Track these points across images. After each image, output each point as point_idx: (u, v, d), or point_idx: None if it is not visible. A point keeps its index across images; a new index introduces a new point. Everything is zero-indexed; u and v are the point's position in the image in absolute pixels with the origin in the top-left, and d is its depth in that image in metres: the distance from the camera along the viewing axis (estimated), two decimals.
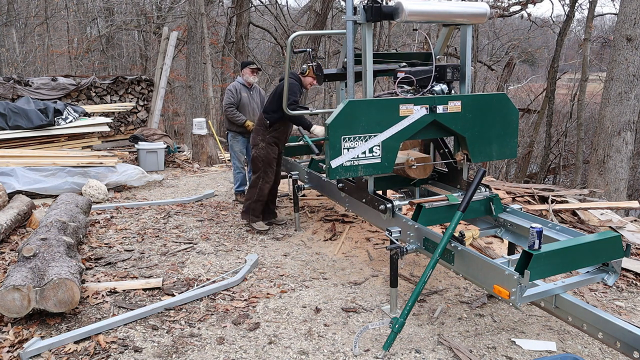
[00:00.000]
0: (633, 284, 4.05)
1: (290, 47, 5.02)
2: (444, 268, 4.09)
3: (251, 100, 6.14)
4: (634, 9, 7.18)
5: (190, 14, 12.10)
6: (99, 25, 18.29)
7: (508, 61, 13.79)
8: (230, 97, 6.02)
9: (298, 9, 19.45)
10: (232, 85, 6.14)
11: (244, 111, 6.04)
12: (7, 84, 9.16)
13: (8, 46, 15.43)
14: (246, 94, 6.06)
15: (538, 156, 16.55)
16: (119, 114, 10.97)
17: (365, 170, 3.41)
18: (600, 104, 8.17)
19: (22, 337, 3.12)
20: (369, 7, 3.31)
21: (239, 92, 6.04)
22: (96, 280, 3.98)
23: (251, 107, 6.12)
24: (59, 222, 4.21)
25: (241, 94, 6.04)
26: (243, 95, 6.04)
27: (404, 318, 2.93)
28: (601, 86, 10.12)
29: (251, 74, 6.09)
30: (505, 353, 3.05)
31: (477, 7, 3.60)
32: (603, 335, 2.49)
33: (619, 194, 7.54)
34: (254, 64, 6.26)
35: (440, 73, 3.72)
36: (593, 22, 13.63)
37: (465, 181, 3.92)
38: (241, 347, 3.09)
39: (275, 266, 4.34)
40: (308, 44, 10.91)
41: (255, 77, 6.15)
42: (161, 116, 11.64)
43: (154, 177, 7.50)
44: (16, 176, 6.25)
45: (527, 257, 2.53)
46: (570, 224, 5.21)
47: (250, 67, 6.13)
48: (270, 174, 5.05)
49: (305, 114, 5.00)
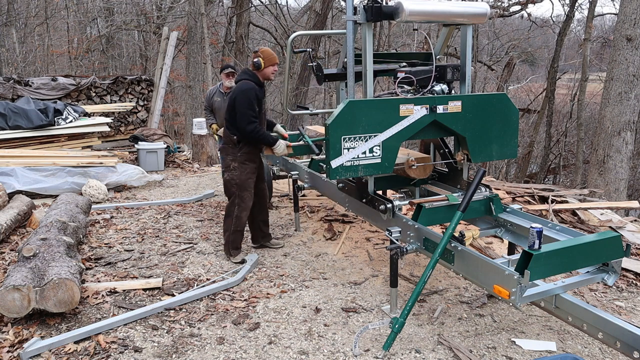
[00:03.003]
0: (633, 284, 4.05)
1: (290, 47, 5.03)
2: (444, 268, 4.09)
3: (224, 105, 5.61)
4: (634, 9, 7.18)
5: (190, 14, 12.10)
6: (99, 25, 18.29)
7: (508, 61, 13.79)
8: (204, 100, 6.20)
9: (298, 9, 19.46)
10: (209, 89, 6.39)
11: (217, 116, 6.04)
12: (7, 84, 9.15)
13: (8, 46, 15.43)
14: (220, 99, 6.02)
15: (538, 156, 16.55)
16: (119, 114, 10.97)
17: (365, 171, 3.41)
18: (600, 104, 8.17)
19: (22, 337, 3.12)
20: (369, 7, 3.30)
21: (211, 97, 6.14)
22: (96, 280, 3.98)
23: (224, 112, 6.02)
24: (59, 222, 4.21)
25: (213, 99, 6.10)
26: (215, 99, 6.07)
27: (404, 318, 2.93)
28: (601, 86, 10.12)
29: (226, 78, 5.97)
30: (505, 353, 3.05)
31: (477, 7, 3.59)
32: (603, 335, 2.49)
33: (619, 194, 7.54)
34: (228, 67, 6.10)
35: (441, 73, 3.72)
36: (593, 22, 13.63)
37: (465, 181, 3.91)
38: (241, 347, 3.09)
39: (275, 266, 4.34)
40: (308, 44, 10.91)
41: (230, 81, 5.90)
42: (161, 116, 11.64)
43: (154, 177, 7.50)
44: (16, 176, 6.25)
45: (527, 257, 2.53)
46: (570, 224, 5.21)
47: (225, 71, 6.03)
48: (247, 198, 4.29)
49: (305, 114, 4.98)
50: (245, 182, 4.27)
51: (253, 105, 4.07)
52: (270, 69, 4.21)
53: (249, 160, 4.29)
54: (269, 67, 4.19)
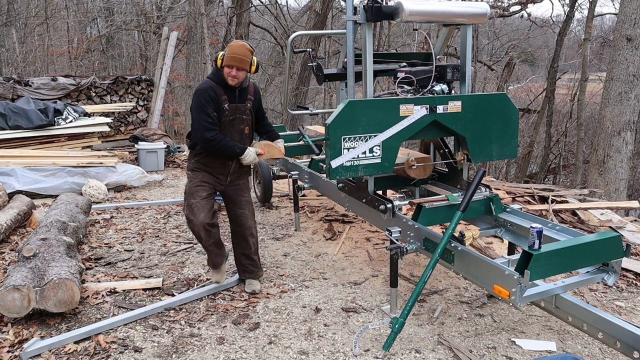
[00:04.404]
0: (633, 284, 4.05)
1: (290, 47, 5.04)
2: (444, 268, 4.08)
3: None
4: (634, 9, 7.18)
5: (190, 14, 12.09)
6: (99, 25, 18.29)
7: (508, 61, 13.80)
8: None
9: (298, 9, 19.46)
10: None
11: None
12: (7, 84, 9.15)
13: (8, 46, 15.43)
14: None
15: (538, 156, 16.55)
16: (119, 114, 10.97)
17: (365, 171, 3.41)
18: (600, 104, 8.17)
19: (22, 337, 3.12)
20: (369, 7, 3.31)
21: None
22: (96, 280, 3.98)
23: None
24: (59, 222, 4.21)
25: None
26: None
27: (404, 318, 2.93)
28: (601, 86, 10.12)
29: None
30: (505, 353, 3.05)
31: (477, 7, 3.59)
32: (603, 335, 2.49)
33: (619, 194, 7.54)
34: None
35: (441, 73, 3.72)
36: (593, 22, 13.63)
37: (465, 181, 3.92)
38: (241, 347, 3.09)
39: (275, 266, 4.34)
40: (308, 44, 10.92)
41: None
42: (161, 116, 11.63)
43: (154, 177, 7.50)
44: (16, 176, 6.25)
45: (527, 257, 2.53)
46: (570, 224, 5.21)
47: None
48: (195, 209, 3.49)
49: (305, 114, 4.95)
50: (193, 190, 3.53)
51: (206, 109, 3.33)
52: (226, 70, 3.35)
53: (199, 169, 3.57)
54: (224, 67, 3.35)
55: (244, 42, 3.38)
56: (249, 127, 3.63)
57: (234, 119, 3.50)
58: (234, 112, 3.48)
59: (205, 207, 3.50)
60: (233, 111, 3.48)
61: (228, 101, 3.43)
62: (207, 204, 3.52)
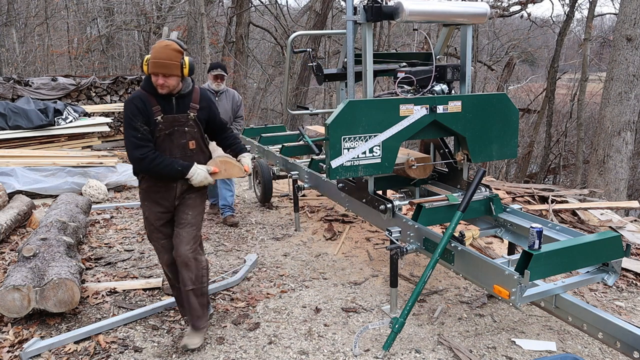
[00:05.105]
0: (633, 284, 4.05)
1: (290, 47, 5.03)
2: (444, 268, 4.09)
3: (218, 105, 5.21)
4: (634, 9, 7.18)
5: (190, 14, 12.11)
6: (99, 25, 18.30)
7: (508, 61, 13.79)
8: None
9: (298, 9, 19.46)
10: None
11: None
12: (7, 84, 9.16)
13: (8, 46, 15.44)
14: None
15: (538, 156, 16.55)
16: (119, 114, 10.96)
17: (365, 171, 3.41)
18: (600, 104, 8.17)
19: (22, 337, 3.12)
20: (369, 7, 3.31)
21: None
22: (96, 280, 3.98)
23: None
24: (59, 222, 4.21)
25: None
26: None
27: (404, 318, 2.93)
28: (601, 86, 10.12)
29: (213, 81, 5.19)
30: (505, 353, 3.05)
31: (477, 7, 3.59)
32: (603, 335, 2.49)
33: (619, 194, 7.54)
34: (217, 67, 5.21)
35: (441, 73, 3.72)
36: (593, 22, 13.63)
37: (465, 181, 3.92)
38: (241, 347, 3.09)
39: (275, 266, 4.34)
40: (308, 44, 10.92)
41: (218, 85, 5.20)
42: None
43: None
44: (16, 176, 6.25)
45: (527, 257, 2.53)
46: (570, 224, 5.21)
47: (212, 72, 5.20)
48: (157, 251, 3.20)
49: (305, 114, 4.93)
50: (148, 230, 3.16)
51: (133, 122, 2.82)
52: (153, 79, 2.84)
53: (144, 199, 3.06)
54: (151, 75, 2.84)
55: (169, 42, 2.83)
56: (196, 141, 3.01)
57: (171, 132, 2.92)
58: (171, 124, 2.91)
59: (168, 248, 3.12)
60: (169, 123, 2.91)
61: (162, 112, 2.88)
62: (168, 244, 3.11)
